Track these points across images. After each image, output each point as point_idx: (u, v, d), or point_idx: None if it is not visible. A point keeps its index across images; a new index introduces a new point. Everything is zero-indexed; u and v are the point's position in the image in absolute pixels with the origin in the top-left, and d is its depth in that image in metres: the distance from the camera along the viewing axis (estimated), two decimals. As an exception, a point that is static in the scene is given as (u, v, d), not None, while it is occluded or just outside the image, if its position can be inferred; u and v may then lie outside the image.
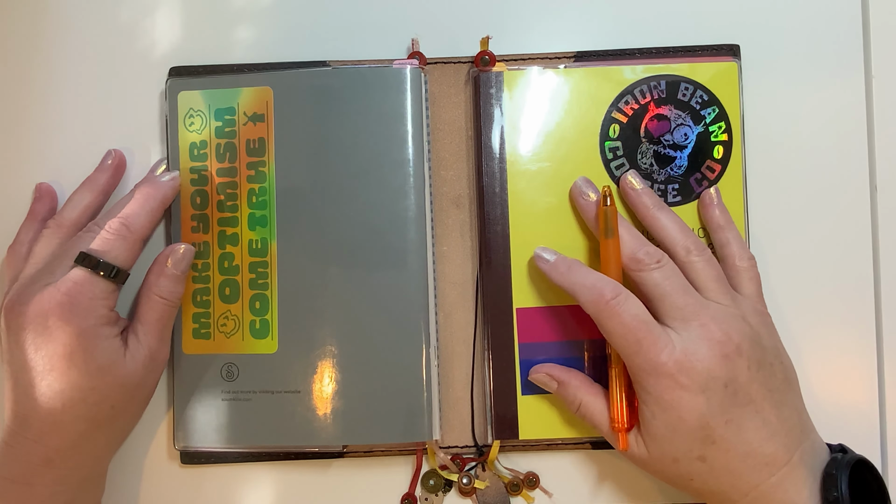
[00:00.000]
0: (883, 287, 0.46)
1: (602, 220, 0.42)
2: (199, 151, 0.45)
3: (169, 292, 0.42)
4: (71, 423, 0.39)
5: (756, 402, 0.38)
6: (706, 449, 0.38)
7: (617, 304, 0.39)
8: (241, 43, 0.47)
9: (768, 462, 0.38)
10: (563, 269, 0.41)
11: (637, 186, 0.43)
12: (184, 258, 0.42)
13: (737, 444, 0.38)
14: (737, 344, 0.38)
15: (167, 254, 0.42)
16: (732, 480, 0.38)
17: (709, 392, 0.37)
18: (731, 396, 0.38)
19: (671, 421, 0.38)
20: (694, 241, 0.41)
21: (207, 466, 0.46)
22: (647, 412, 0.39)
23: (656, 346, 0.38)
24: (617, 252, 0.41)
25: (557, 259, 0.42)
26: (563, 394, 0.43)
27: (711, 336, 0.38)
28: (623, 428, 0.40)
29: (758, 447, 0.38)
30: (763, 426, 0.38)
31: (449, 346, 0.46)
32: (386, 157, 0.44)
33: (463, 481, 0.45)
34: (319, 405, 0.44)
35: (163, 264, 0.42)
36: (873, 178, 0.46)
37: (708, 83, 0.45)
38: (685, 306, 0.39)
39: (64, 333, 0.38)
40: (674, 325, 0.39)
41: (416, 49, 0.46)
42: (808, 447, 0.39)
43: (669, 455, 0.39)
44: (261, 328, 0.44)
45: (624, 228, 0.41)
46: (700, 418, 0.38)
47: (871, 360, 0.46)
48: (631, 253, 0.40)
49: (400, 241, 0.44)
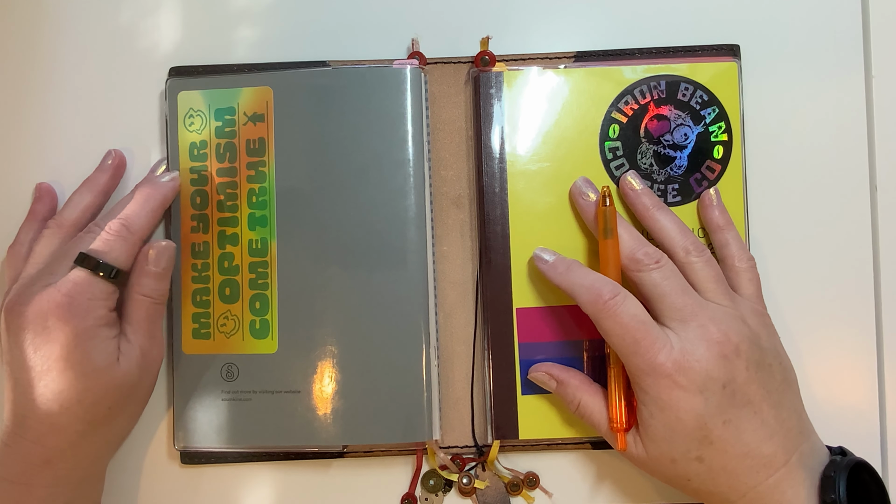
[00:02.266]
0: (883, 287, 0.46)
1: (601, 221, 0.41)
2: (199, 151, 0.45)
3: (152, 290, 0.42)
4: (69, 424, 0.39)
5: (754, 403, 0.38)
6: (704, 449, 0.38)
7: (615, 305, 0.39)
8: (241, 43, 0.47)
9: (766, 463, 0.38)
10: (561, 269, 0.41)
11: (637, 187, 0.43)
12: (163, 255, 0.42)
13: (735, 445, 0.38)
14: (735, 345, 0.38)
15: (146, 252, 0.42)
16: (730, 481, 0.38)
17: (707, 393, 0.37)
18: (730, 397, 0.38)
19: (669, 421, 0.38)
20: (693, 242, 0.41)
21: (207, 466, 0.46)
22: (645, 412, 0.39)
23: (654, 346, 0.38)
24: (616, 252, 0.41)
25: (556, 259, 0.42)
26: (562, 393, 0.43)
27: (710, 337, 0.38)
28: (621, 428, 0.40)
29: (756, 448, 0.38)
30: (761, 427, 0.38)
31: (449, 346, 0.46)
32: (386, 157, 0.44)
33: (463, 481, 0.45)
34: (319, 405, 0.44)
35: (143, 263, 0.42)
36: (873, 177, 0.46)
37: (708, 83, 0.45)
38: (684, 307, 0.39)
39: (63, 334, 0.38)
40: (672, 325, 0.39)
41: (416, 49, 0.46)
42: (806, 449, 0.39)
43: (667, 455, 0.39)
44: (261, 328, 0.44)
45: (623, 229, 0.41)
46: (698, 419, 0.37)
47: (871, 361, 0.46)
48: (630, 253, 0.40)
49: (400, 241, 0.44)
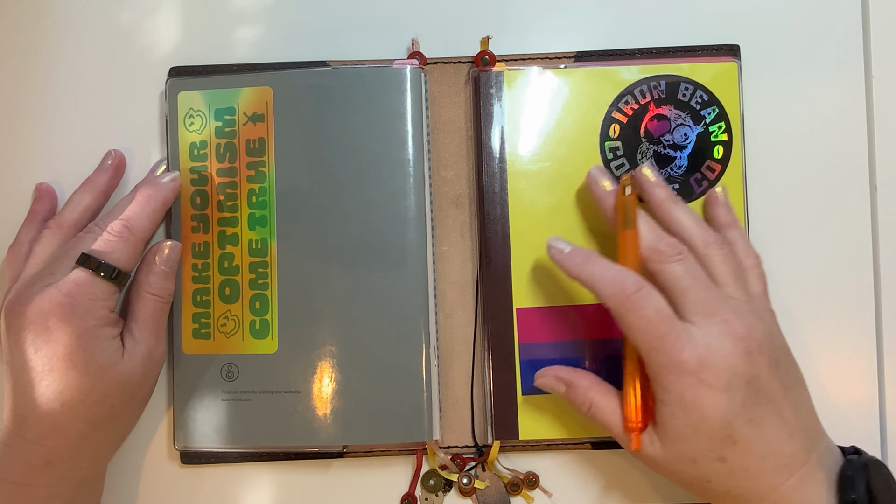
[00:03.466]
0: (883, 287, 0.46)
1: (621, 211, 0.40)
2: (199, 151, 0.45)
3: (160, 289, 0.42)
4: (70, 424, 0.39)
5: (776, 401, 0.37)
6: (727, 449, 0.37)
7: (640, 298, 0.37)
8: (241, 43, 0.47)
9: (788, 463, 0.37)
10: (579, 259, 0.39)
11: (653, 178, 0.42)
12: (171, 254, 0.43)
13: (758, 444, 0.37)
14: (758, 341, 0.37)
15: (154, 251, 0.42)
16: (751, 482, 0.37)
17: (732, 390, 0.36)
18: (754, 395, 0.37)
19: (692, 420, 0.36)
20: (713, 235, 0.40)
21: (207, 466, 0.46)
22: (665, 411, 0.37)
23: (678, 342, 0.36)
24: (635, 244, 0.39)
25: (573, 250, 0.39)
26: (573, 396, 0.41)
27: (734, 332, 0.37)
28: (638, 427, 0.39)
29: (778, 447, 0.37)
30: (783, 425, 0.37)
31: (449, 346, 0.46)
32: (386, 157, 0.44)
33: (463, 481, 0.45)
34: (319, 405, 0.44)
35: (151, 262, 0.42)
36: (873, 177, 0.46)
37: (708, 83, 0.45)
38: (707, 301, 0.37)
39: (64, 334, 0.38)
40: (695, 319, 0.37)
41: (416, 49, 0.46)
42: (823, 448, 0.38)
43: (688, 455, 0.37)
44: (261, 328, 0.44)
45: (642, 220, 0.40)
46: (723, 417, 0.36)
47: (871, 360, 0.46)
48: (652, 244, 0.39)
49: (400, 241, 0.44)
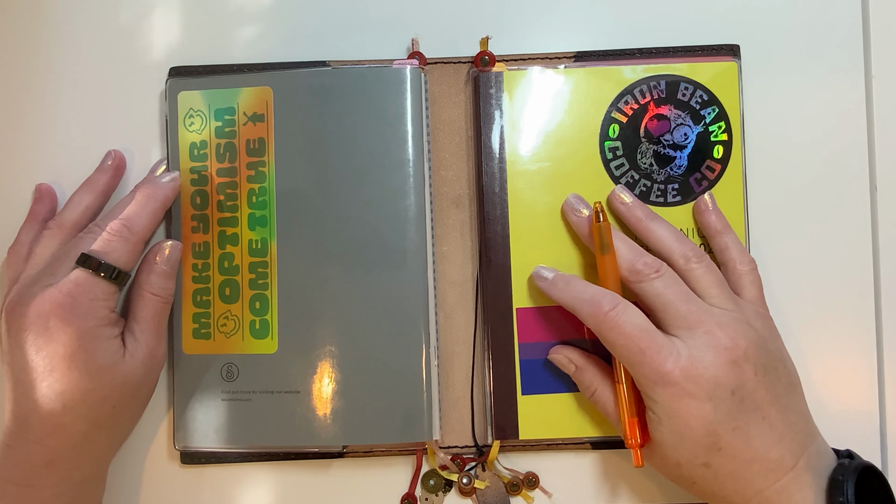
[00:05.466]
0: (883, 287, 0.46)
1: (597, 237, 0.41)
2: (199, 151, 0.45)
3: (161, 289, 0.42)
4: (72, 424, 0.39)
5: (762, 408, 0.38)
6: (712, 456, 0.38)
7: (616, 315, 0.38)
8: (241, 43, 0.47)
9: (774, 468, 0.37)
10: (561, 285, 0.41)
11: (627, 200, 0.43)
12: (172, 254, 0.43)
13: (743, 451, 0.37)
14: (744, 349, 0.38)
15: (155, 251, 0.43)
16: (736, 486, 0.38)
17: (716, 400, 0.37)
18: (739, 403, 0.37)
19: (678, 428, 0.38)
20: (692, 248, 0.41)
21: (207, 466, 0.46)
22: (654, 419, 0.39)
23: (661, 354, 0.37)
24: (614, 267, 0.41)
25: (555, 276, 0.42)
26: (580, 378, 0.43)
27: (718, 342, 0.38)
28: (636, 445, 0.40)
29: (764, 453, 0.37)
30: (769, 431, 0.38)
31: (449, 346, 0.46)
32: (386, 157, 0.44)
33: (463, 481, 0.45)
34: (319, 405, 0.44)
35: (152, 262, 0.42)
36: (873, 178, 0.46)
37: (708, 83, 0.44)
38: (689, 314, 0.39)
39: (65, 334, 0.38)
40: (679, 333, 0.39)
41: (416, 49, 0.46)
42: (813, 451, 0.38)
43: (673, 459, 0.38)
44: (261, 328, 0.44)
45: (620, 241, 0.41)
46: (707, 426, 0.37)
47: (872, 361, 0.46)
48: (629, 265, 0.40)
49: (400, 241, 0.44)
